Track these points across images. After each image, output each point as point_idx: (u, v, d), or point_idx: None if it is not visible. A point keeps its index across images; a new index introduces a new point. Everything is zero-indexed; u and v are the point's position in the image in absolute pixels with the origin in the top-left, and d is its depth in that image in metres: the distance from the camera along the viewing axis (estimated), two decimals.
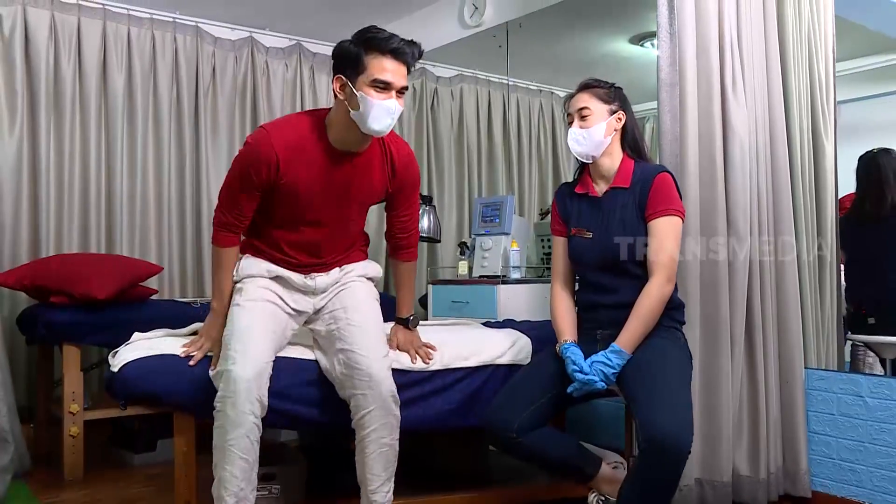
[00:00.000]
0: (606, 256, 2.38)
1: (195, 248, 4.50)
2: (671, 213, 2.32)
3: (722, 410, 2.70)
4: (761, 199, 2.82)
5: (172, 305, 3.76)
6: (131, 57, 4.30)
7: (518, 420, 2.26)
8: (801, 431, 2.84)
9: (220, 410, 2.12)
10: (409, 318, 2.57)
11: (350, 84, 2.16)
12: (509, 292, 3.51)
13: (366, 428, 2.23)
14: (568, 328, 2.43)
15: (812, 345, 2.95)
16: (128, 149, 4.30)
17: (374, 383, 2.22)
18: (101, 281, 3.26)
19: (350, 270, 2.47)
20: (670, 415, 2.05)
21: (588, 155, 2.42)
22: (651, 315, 2.28)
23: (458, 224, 4.90)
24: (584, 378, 2.24)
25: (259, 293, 2.32)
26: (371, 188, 2.38)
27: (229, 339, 2.20)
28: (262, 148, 2.20)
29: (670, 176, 2.38)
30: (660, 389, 2.13)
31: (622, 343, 2.26)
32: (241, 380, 2.10)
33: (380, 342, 2.35)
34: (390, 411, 2.25)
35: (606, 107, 2.40)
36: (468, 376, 2.58)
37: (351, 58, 2.16)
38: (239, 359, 2.13)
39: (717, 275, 2.71)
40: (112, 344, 2.65)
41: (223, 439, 2.11)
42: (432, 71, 4.89)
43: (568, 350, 2.33)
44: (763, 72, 2.85)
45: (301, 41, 4.95)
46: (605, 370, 2.23)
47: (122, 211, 4.24)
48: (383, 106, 2.14)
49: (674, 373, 2.22)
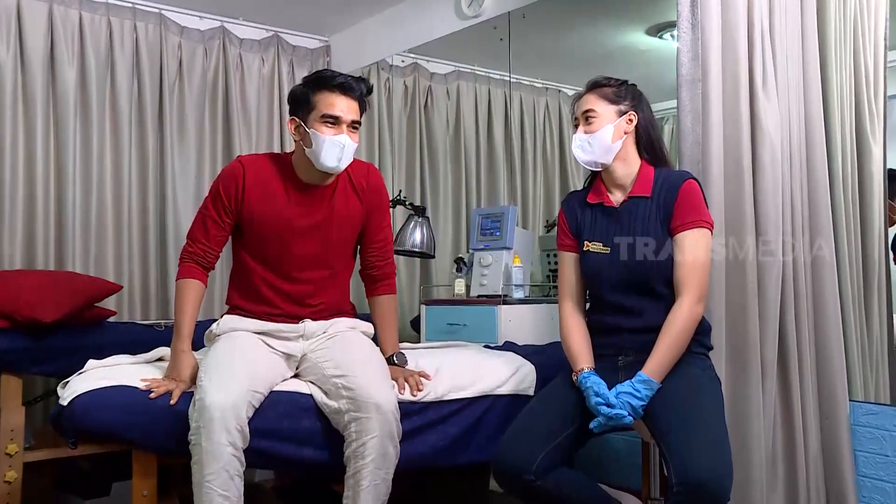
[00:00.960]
0: (630, 274, 2.36)
1: (159, 264, 4.46)
2: (701, 226, 2.31)
3: (752, 449, 2.67)
4: (795, 210, 2.81)
5: (133, 328, 3.72)
6: (84, 47, 4.25)
7: (537, 460, 2.19)
8: (849, 475, 2.80)
9: (194, 444, 2.16)
10: (393, 355, 2.63)
11: (303, 124, 2.47)
12: (511, 314, 3.50)
13: (364, 458, 2.25)
14: (584, 354, 2.39)
15: (858, 373, 2.93)
16: (81, 152, 4.26)
17: (382, 410, 2.27)
18: (49, 302, 3.20)
19: (339, 322, 2.63)
20: (709, 457, 2.01)
21: (595, 163, 2.41)
22: (681, 339, 2.26)
23: (454, 238, 4.88)
24: (610, 412, 2.19)
25: (242, 334, 2.51)
26: (347, 216, 2.60)
27: (205, 369, 2.29)
28: (234, 167, 2.56)
29: (697, 183, 2.37)
30: (695, 427, 2.10)
31: (650, 371, 2.22)
32: (215, 408, 2.14)
33: (384, 372, 2.47)
34: (393, 442, 2.29)
35: (614, 107, 2.40)
36: (465, 408, 2.58)
37: (302, 98, 2.48)
38: (212, 388, 2.19)
39: (746, 294, 2.70)
40: (62, 373, 2.62)
41: (200, 475, 2.15)
42: (426, 67, 4.89)
43: (588, 380, 2.29)
44: (798, 65, 2.85)
45: (279, 32, 4.94)
46: (634, 402, 2.20)
47: (75, 222, 4.20)
48: (333, 141, 2.43)
49: (709, 407, 2.19)
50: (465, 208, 4.86)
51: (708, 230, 2.33)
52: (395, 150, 4.92)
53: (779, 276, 2.74)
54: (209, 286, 4.45)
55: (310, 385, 2.45)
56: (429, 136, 4.93)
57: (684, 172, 2.42)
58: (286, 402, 2.37)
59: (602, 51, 4.19)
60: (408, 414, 2.46)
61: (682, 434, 2.08)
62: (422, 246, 4.06)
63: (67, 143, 4.19)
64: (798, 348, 2.80)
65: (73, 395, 2.28)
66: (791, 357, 2.78)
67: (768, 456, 2.74)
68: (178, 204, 4.49)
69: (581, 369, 2.34)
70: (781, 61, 2.79)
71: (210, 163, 4.62)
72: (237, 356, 2.37)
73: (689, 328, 2.26)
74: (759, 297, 2.73)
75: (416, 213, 4.07)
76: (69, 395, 2.29)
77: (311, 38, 5.10)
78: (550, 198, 4.65)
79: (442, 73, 4.90)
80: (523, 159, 4.63)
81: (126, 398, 2.29)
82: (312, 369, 2.48)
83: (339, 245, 2.62)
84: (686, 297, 2.27)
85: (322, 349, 2.52)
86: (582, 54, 4.25)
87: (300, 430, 2.35)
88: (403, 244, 4.01)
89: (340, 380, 2.35)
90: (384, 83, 4.96)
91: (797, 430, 2.77)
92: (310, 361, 2.51)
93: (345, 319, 2.66)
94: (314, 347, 2.54)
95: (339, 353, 2.47)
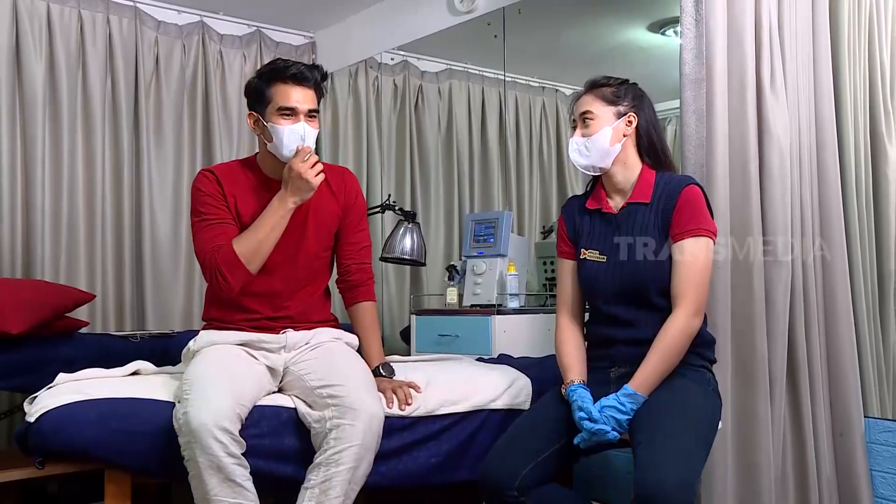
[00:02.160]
0: (625, 284, 2.36)
1: (134, 272, 4.44)
2: (701, 234, 2.30)
3: (761, 468, 2.67)
4: (805, 215, 2.81)
5: (106, 340, 3.69)
6: (53, 41, 4.22)
7: (520, 476, 2.21)
8: (865, 496, 2.81)
9: (189, 459, 2.15)
10: (379, 366, 2.63)
11: (261, 118, 2.54)
12: (506, 324, 3.49)
13: (339, 465, 2.22)
14: (575, 366, 2.40)
15: (873, 388, 2.94)
16: (51, 154, 4.22)
17: (368, 419, 2.25)
18: (16, 312, 3.16)
19: (322, 332, 2.62)
20: (669, 471, 2.01)
21: (593, 167, 2.42)
22: (673, 353, 2.26)
23: (445, 245, 4.88)
24: (592, 427, 2.20)
25: (224, 347, 2.51)
26: (321, 211, 2.63)
27: (188, 383, 2.28)
28: (204, 175, 2.61)
29: (699, 189, 2.36)
30: (666, 438, 2.10)
31: (636, 384, 2.24)
32: (201, 419, 2.14)
33: (372, 383, 2.45)
34: (368, 458, 2.27)
35: (613, 109, 2.40)
36: (457, 424, 2.57)
37: (257, 93, 2.54)
38: (196, 400, 2.19)
39: (753, 304, 2.70)
40: (28, 388, 2.59)
41: (202, 492, 2.15)
42: (416, 65, 4.89)
43: (575, 393, 2.29)
44: (809, 63, 2.86)
45: (262, 28, 4.93)
46: (619, 416, 2.20)
47: (44, 228, 4.17)
48: (293, 129, 2.49)
49: (690, 422, 2.18)
50: (457, 213, 4.85)
51: (709, 239, 2.31)
52: (384, 153, 4.92)
53: (788, 286, 2.74)
54: (190, 301, 4.50)
55: (294, 399, 2.44)
56: (419, 138, 4.93)
57: (686, 177, 2.41)
58: (269, 417, 2.36)
59: (602, 48, 4.19)
60: (397, 430, 2.45)
61: (648, 445, 2.10)
62: (412, 253, 4.04)
63: (36, 143, 4.15)
64: (809, 361, 2.80)
65: (42, 410, 2.25)
66: (801, 371, 2.78)
67: (778, 477, 2.74)
68: (155, 208, 4.47)
69: (570, 381, 2.35)
70: (791, 59, 2.80)
71: (189, 165, 4.60)
72: (221, 370, 2.36)
73: (682, 342, 2.26)
74: (767, 308, 2.72)
75: (405, 219, 4.06)
76: (37, 412, 2.26)
77: (295, 34, 5.10)
78: (547, 203, 4.65)
79: (433, 72, 4.90)
80: (518, 162, 4.63)
81: (99, 413, 2.26)
82: (296, 382, 2.47)
83: (315, 241, 2.63)
84: (682, 309, 2.26)
85: (304, 361, 2.51)
86: (580, 52, 4.25)
87: (283, 447, 2.34)
88: (393, 251, 3.99)
89: (326, 390, 2.33)
90: (372, 82, 4.96)
91: (808, 449, 2.77)
92: (292, 374, 2.50)
93: (328, 330, 2.65)
94: (296, 360, 2.53)
95: (322, 365, 2.46)
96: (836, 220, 2.85)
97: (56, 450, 2.26)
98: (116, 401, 2.32)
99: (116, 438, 2.25)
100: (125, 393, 2.37)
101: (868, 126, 2.98)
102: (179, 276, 4.53)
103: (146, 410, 2.30)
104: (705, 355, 2.37)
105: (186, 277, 4.55)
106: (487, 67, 4.69)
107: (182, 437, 2.16)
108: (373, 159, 4.96)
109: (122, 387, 2.42)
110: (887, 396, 2.94)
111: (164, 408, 2.31)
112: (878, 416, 2.88)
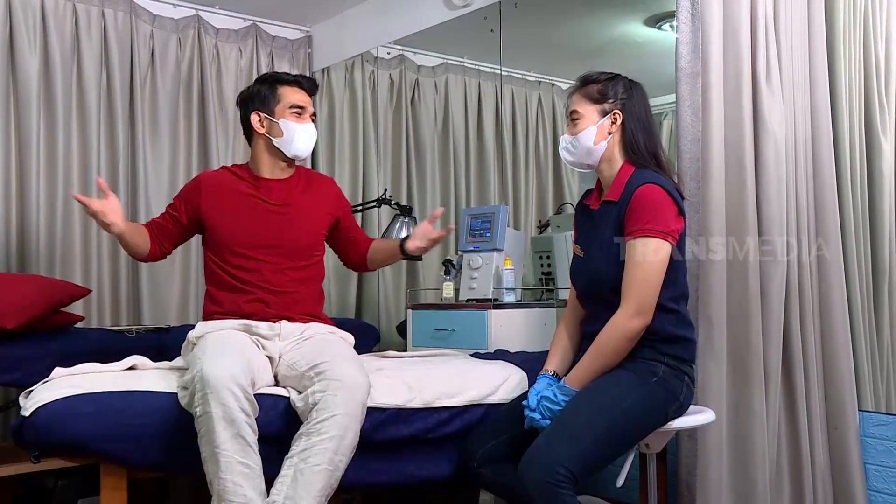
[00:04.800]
0: (590, 280, 2.46)
1: (130, 266, 4.43)
2: (648, 234, 2.27)
3: (756, 463, 2.67)
4: (800, 209, 2.81)
5: (102, 334, 3.68)
6: (47, 35, 4.20)
7: (481, 450, 2.41)
8: (859, 490, 2.81)
9: (200, 415, 2.18)
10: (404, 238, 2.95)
11: (269, 116, 2.76)
12: (502, 318, 3.49)
13: (322, 434, 2.23)
14: (553, 358, 2.53)
15: (867, 382, 2.94)
16: (46, 148, 4.21)
17: (351, 387, 2.30)
18: (11, 307, 3.16)
19: (316, 326, 2.74)
20: (543, 452, 2.13)
21: (580, 164, 2.49)
22: (608, 350, 2.32)
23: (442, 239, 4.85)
24: (528, 415, 2.34)
25: (230, 331, 2.60)
26: (309, 204, 2.84)
27: (200, 351, 2.36)
28: (198, 176, 2.92)
29: (660, 188, 2.31)
30: (557, 423, 2.23)
31: (570, 379, 2.35)
32: (217, 373, 2.19)
33: (357, 359, 2.54)
34: (354, 428, 2.29)
35: (598, 108, 2.43)
36: (454, 417, 2.59)
37: (262, 94, 2.79)
38: (210, 358, 2.25)
39: (748, 299, 2.71)
40: (24, 383, 2.59)
41: (212, 446, 2.16)
42: (412, 59, 4.88)
43: (537, 382, 2.43)
44: (805, 57, 2.86)
45: (258, 22, 4.92)
46: (552, 407, 2.31)
47: (39, 221, 4.16)
48: (305, 128, 2.78)
49: (603, 406, 2.23)
50: (453, 208, 4.83)
51: (659, 239, 2.27)
52: (381, 147, 4.91)
53: (783, 280, 2.75)
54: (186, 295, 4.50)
55: (289, 390, 2.46)
56: (415, 132, 4.92)
57: (649, 176, 2.35)
58: (267, 407, 2.36)
59: (598, 42, 4.18)
60: (394, 422, 2.47)
61: (548, 430, 2.22)
62: None
63: (30, 136, 4.14)
64: (804, 355, 2.80)
65: (38, 405, 2.26)
66: (796, 365, 2.79)
67: (772, 470, 2.74)
68: (151, 203, 4.46)
69: (544, 371, 2.50)
70: (786, 54, 2.80)
71: (184, 160, 4.60)
72: (232, 342, 2.44)
73: (619, 342, 2.29)
74: (762, 302, 2.73)
75: (402, 213, 4.06)
76: (33, 406, 2.26)
77: (291, 28, 5.09)
78: (543, 197, 4.64)
79: (429, 66, 4.89)
80: (515, 156, 4.62)
81: (95, 407, 2.27)
82: (288, 371, 2.52)
83: (304, 231, 2.81)
84: (622, 309, 2.29)
85: (296, 349, 2.57)
86: (577, 46, 4.24)
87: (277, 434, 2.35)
88: None
89: (313, 370, 2.38)
90: (369, 76, 4.95)
91: (803, 442, 2.78)
92: (285, 363, 2.54)
93: (323, 325, 2.77)
94: (290, 349, 2.59)
95: (312, 351, 2.52)
96: (831, 214, 2.86)
97: (52, 444, 2.27)
98: (112, 394, 2.33)
99: (112, 432, 2.25)
100: (121, 387, 2.38)
101: (863, 119, 2.98)
102: (175, 271, 4.52)
103: (142, 404, 2.31)
104: (663, 350, 2.34)
105: (182, 272, 4.54)
106: (484, 61, 4.68)
107: (197, 392, 2.19)
108: (369, 154, 4.95)
109: (117, 381, 2.43)
110: (881, 390, 2.95)
111: (160, 401, 2.33)
112: (872, 410, 2.89)
